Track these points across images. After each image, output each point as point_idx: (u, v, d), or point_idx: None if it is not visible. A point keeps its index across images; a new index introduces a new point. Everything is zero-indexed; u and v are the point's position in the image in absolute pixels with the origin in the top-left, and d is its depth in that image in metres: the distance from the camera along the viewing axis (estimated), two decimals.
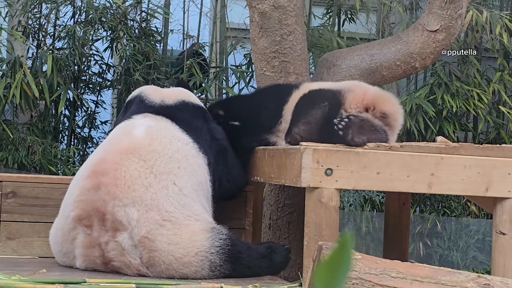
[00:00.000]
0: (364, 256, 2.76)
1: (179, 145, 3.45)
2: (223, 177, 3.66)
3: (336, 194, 3.20)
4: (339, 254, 1.19)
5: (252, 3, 4.16)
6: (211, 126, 3.71)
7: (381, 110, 3.54)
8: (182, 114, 3.62)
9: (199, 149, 3.52)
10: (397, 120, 3.60)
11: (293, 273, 4.13)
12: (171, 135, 3.47)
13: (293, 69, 4.17)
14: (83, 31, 7.11)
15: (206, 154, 3.55)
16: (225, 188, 3.67)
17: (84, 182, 3.33)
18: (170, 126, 3.53)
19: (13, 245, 3.82)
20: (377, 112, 3.55)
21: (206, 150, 3.56)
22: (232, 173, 3.71)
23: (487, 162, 3.36)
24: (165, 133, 3.47)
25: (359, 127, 3.33)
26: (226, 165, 3.69)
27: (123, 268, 3.24)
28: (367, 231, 7.31)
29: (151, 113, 3.59)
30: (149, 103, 3.65)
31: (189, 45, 7.94)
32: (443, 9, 4.20)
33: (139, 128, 3.47)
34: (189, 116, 3.64)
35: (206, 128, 3.66)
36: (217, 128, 3.75)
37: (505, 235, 3.36)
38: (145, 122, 3.52)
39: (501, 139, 7.67)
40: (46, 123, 7.04)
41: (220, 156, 3.67)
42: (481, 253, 7.48)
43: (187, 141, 3.50)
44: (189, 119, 3.62)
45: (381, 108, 3.55)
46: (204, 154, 3.54)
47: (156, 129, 3.48)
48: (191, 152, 3.48)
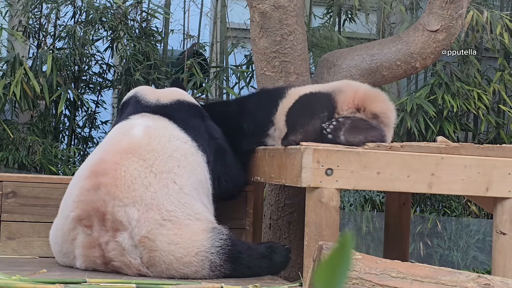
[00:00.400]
0: (364, 256, 2.76)
1: (178, 144, 3.45)
2: (221, 177, 3.66)
3: (337, 194, 3.20)
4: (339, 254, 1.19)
5: (253, 3, 4.16)
6: (208, 124, 3.71)
7: (372, 111, 3.54)
8: (179, 113, 3.62)
9: (198, 147, 3.52)
10: (389, 117, 3.59)
11: (293, 273, 4.13)
12: (169, 134, 3.47)
13: (294, 69, 4.17)
14: (84, 31, 7.10)
15: (205, 152, 3.55)
16: (224, 187, 3.67)
17: (84, 183, 3.32)
18: (168, 125, 3.52)
19: (13, 245, 3.82)
20: (368, 113, 3.55)
21: (205, 148, 3.56)
22: (230, 172, 3.71)
23: (487, 162, 3.36)
24: (164, 132, 3.47)
25: (351, 127, 3.33)
26: (224, 165, 3.68)
27: (123, 268, 3.24)
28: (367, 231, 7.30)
29: (148, 113, 3.58)
30: (145, 103, 3.65)
31: (189, 45, 7.94)
32: (443, 9, 4.20)
33: (138, 128, 3.47)
34: (186, 115, 3.64)
35: (204, 126, 3.66)
36: (214, 127, 3.74)
37: (505, 235, 3.36)
38: (143, 121, 3.52)
39: (501, 139, 7.66)
40: (46, 123, 7.03)
41: (219, 155, 3.66)
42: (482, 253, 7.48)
43: (185, 139, 3.50)
44: (186, 117, 3.61)
45: (371, 109, 3.54)
46: (203, 152, 3.53)
47: (154, 128, 3.47)
48: (190, 151, 3.48)
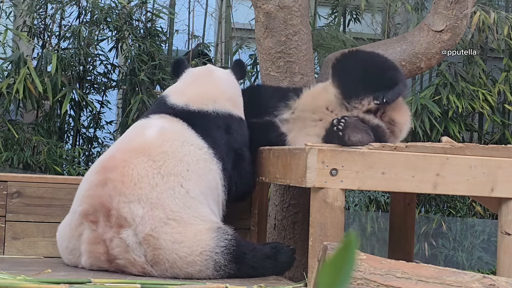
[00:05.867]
0: (369, 257, 2.76)
1: (191, 149, 3.44)
2: (237, 183, 3.65)
3: (341, 194, 3.20)
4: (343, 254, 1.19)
5: (257, 3, 4.16)
6: (231, 137, 3.64)
7: (392, 118, 3.57)
8: (201, 120, 3.59)
9: (214, 155, 3.50)
10: (401, 131, 3.63)
11: (298, 274, 4.13)
12: (183, 138, 3.47)
13: (298, 69, 4.17)
14: (88, 31, 7.11)
15: (221, 160, 3.53)
16: (239, 192, 3.67)
17: (93, 178, 3.36)
18: (185, 129, 3.52)
19: (18, 245, 3.82)
20: (386, 116, 3.58)
21: (222, 156, 3.54)
22: (245, 180, 3.69)
23: (493, 162, 3.35)
24: (178, 135, 3.47)
25: (353, 126, 3.33)
26: (241, 173, 3.67)
27: (128, 266, 3.25)
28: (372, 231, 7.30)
29: (168, 114, 3.58)
30: (169, 104, 3.64)
31: (194, 45, 7.94)
32: (448, 9, 4.20)
33: (153, 129, 3.48)
34: (208, 123, 3.58)
35: (225, 138, 3.60)
36: (237, 137, 3.68)
37: (510, 235, 3.35)
38: (160, 123, 3.53)
39: (506, 139, 7.65)
40: (51, 123, 7.04)
41: (237, 164, 3.65)
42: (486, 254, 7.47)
43: (201, 146, 3.49)
44: (207, 125, 3.57)
45: (391, 114, 3.57)
46: (218, 160, 3.51)
47: (169, 131, 3.48)
48: (203, 157, 3.47)
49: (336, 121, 3.32)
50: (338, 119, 3.33)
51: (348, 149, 3.23)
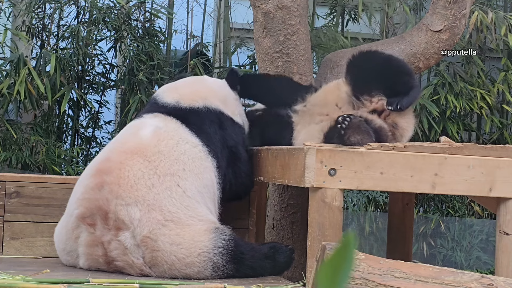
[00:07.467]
0: (367, 256, 2.76)
1: (186, 148, 3.44)
2: (232, 182, 3.65)
3: (340, 194, 3.20)
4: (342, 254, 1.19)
5: (256, 3, 4.16)
6: (225, 133, 3.65)
7: (395, 121, 3.58)
8: (195, 117, 3.58)
9: (208, 152, 3.50)
10: (403, 136, 3.63)
11: (296, 273, 4.13)
12: (179, 137, 3.46)
13: (297, 69, 4.17)
14: (87, 31, 7.11)
15: (215, 157, 3.52)
16: (233, 191, 3.67)
17: (89, 181, 3.34)
18: (180, 128, 3.51)
19: (16, 245, 3.82)
20: (390, 119, 3.58)
21: (216, 153, 3.53)
22: (241, 179, 3.69)
23: (491, 162, 3.35)
24: (173, 134, 3.46)
25: (356, 127, 3.33)
26: (235, 171, 3.67)
27: (126, 268, 3.25)
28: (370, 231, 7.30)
29: (162, 113, 3.57)
30: (162, 103, 3.63)
31: (192, 45, 7.94)
32: (446, 9, 4.20)
33: (147, 129, 3.47)
34: (202, 119, 3.59)
35: (219, 134, 3.61)
36: (231, 134, 3.69)
37: (508, 235, 3.35)
38: (154, 122, 3.51)
39: (505, 139, 7.66)
40: (49, 123, 7.04)
41: (231, 161, 3.64)
42: (485, 254, 7.47)
43: (195, 143, 3.48)
44: (201, 122, 3.57)
45: (395, 118, 3.58)
46: (213, 157, 3.51)
47: (164, 130, 3.47)
48: (199, 155, 3.46)
49: (341, 118, 3.32)
50: (343, 116, 3.33)
51: (347, 149, 3.23)
